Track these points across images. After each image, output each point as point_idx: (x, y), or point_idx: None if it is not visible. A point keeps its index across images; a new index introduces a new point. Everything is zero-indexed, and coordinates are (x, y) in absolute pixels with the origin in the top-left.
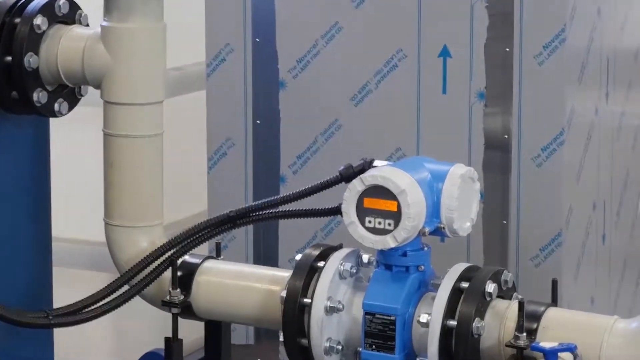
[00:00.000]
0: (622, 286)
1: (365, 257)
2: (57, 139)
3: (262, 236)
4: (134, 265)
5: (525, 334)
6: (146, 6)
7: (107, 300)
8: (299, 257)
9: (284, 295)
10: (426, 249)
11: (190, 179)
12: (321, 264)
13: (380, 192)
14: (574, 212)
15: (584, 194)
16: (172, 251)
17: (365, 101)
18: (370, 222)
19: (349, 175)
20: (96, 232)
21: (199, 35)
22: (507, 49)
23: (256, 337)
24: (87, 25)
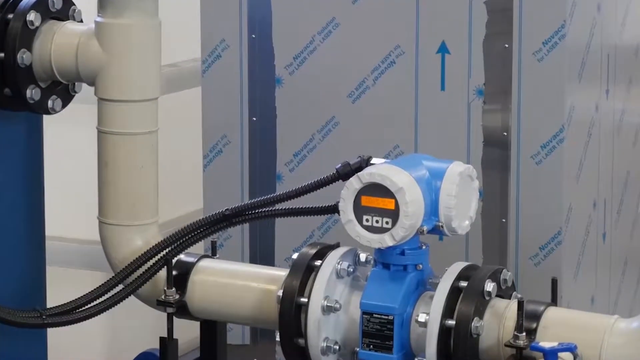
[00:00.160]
0: (622, 285)
1: (362, 256)
2: (50, 137)
3: (258, 235)
4: (128, 264)
5: (524, 334)
6: (141, 2)
7: (101, 299)
8: (295, 256)
9: (281, 294)
10: (424, 247)
11: (185, 176)
12: (318, 262)
13: (377, 190)
14: (573, 210)
15: (584, 192)
16: (167, 250)
17: (362, 98)
18: (367, 220)
19: (346, 173)
20: (90, 230)
21: (194, 31)
22: (506, 45)
23: (252, 337)
24: (81, 21)
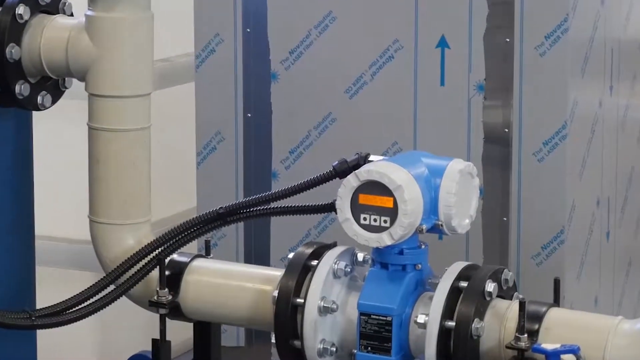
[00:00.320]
0: (626, 285)
1: (360, 256)
2: (40, 133)
3: (253, 234)
4: (120, 264)
5: (526, 335)
6: None
7: (92, 300)
8: (291, 255)
9: (276, 295)
10: (423, 247)
11: (178, 174)
12: (314, 262)
13: (375, 188)
14: (576, 208)
15: (588, 190)
16: (160, 249)
17: (360, 94)
18: (365, 219)
19: (344, 170)
20: (81, 229)
21: (187, 25)
22: (508, 40)
23: (247, 338)
24: (71, 14)
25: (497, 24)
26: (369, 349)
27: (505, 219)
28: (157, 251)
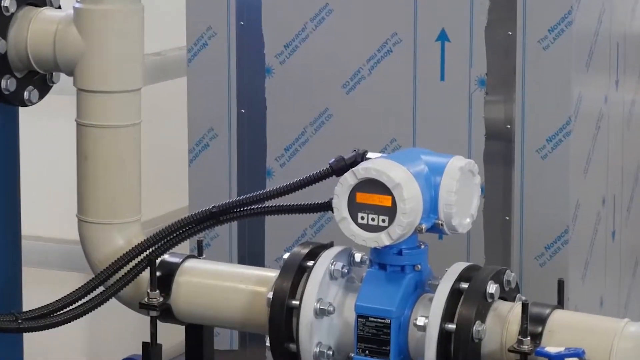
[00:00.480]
0: (633, 286)
1: (357, 256)
2: (26, 130)
3: (247, 234)
4: (109, 265)
5: (529, 338)
6: None
7: (80, 302)
8: (286, 256)
9: (271, 296)
10: (423, 247)
11: (169, 172)
12: (310, 263)
13: (373, 186)
14: (581, 207)
15: (592, 188)
16: (151, 250)
17: (357, 89)
18: (363, 218)
19: (341, 168)
20: (69, 229)
21: (179, 17)
22: (510, 33)
23: (241, 342)
24: (59, 7)
25: (499, 16)
26: (367, 352)
27: (507, 218)
28: (147, 251)
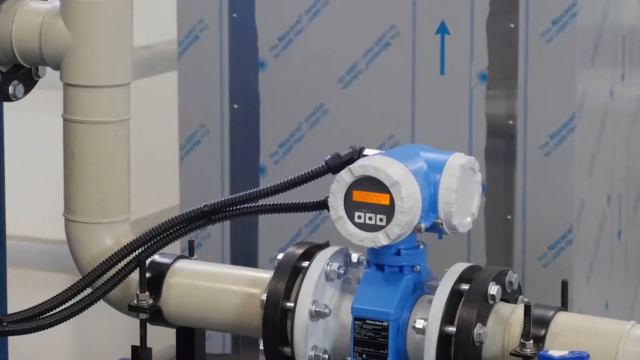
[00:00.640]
0: (639, 288)
1: (354, 257)
2: (11, 126)
3: (240, 233)
4: (97, 265)
5: (532, 342)
6: None
7: (67, 304)
8: (280, 256)
9: (264, 298)
10: (422, 247)
11: (160, 170)
12: (306, 264)
13: (371, 184)
14: (586, 206)
15: (597, 186)
16: (140, 250)
17: (354, 83)
18: (360, 217)
19: (337, 165)
20: (55, 228)
21: (169, 10)
22: (512, 25)
23: (233, 345)
24: None
25: (500, 8)
26: (364, 356)
27: (509, 217)
28: (137, 252)
